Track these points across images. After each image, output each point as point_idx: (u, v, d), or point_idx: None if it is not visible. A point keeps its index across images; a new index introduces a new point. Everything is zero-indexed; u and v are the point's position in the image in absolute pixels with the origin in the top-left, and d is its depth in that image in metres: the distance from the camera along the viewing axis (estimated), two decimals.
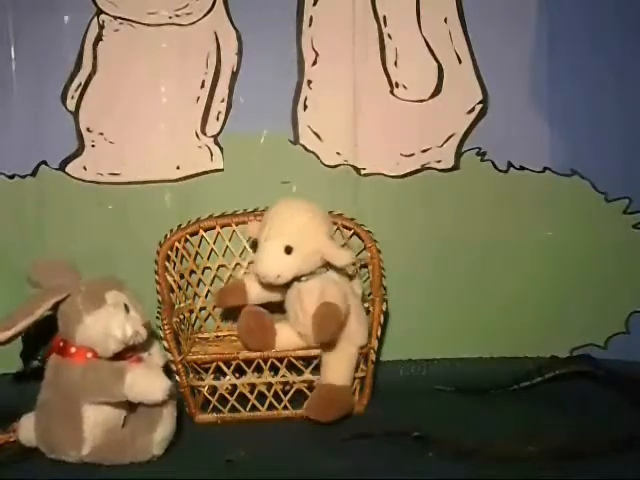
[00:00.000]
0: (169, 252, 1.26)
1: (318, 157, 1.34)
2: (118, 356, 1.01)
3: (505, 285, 1.37)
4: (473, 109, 1.35)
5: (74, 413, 0.98)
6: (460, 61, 1.34)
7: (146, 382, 0.98)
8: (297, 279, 1.16)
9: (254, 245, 1.24)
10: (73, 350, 1.00)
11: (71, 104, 1.32)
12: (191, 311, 1.31)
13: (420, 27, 1.34)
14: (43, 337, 1.06)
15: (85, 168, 1.32)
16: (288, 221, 1.14)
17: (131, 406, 1.03)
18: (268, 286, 1.18)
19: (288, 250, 1.12)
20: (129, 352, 1.03)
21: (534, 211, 1.36)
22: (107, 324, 0.99)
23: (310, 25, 1.33)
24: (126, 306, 1.02)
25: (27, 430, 1.03)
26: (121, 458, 0.99)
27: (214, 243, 1.32)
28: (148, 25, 1.31)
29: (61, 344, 1.02)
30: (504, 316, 1.36)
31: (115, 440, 1.00)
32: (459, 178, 1.35)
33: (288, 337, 1.18)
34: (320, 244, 1.13)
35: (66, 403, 0.99)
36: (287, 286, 1.19)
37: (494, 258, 1.36)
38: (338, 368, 1.14)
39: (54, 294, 1.00)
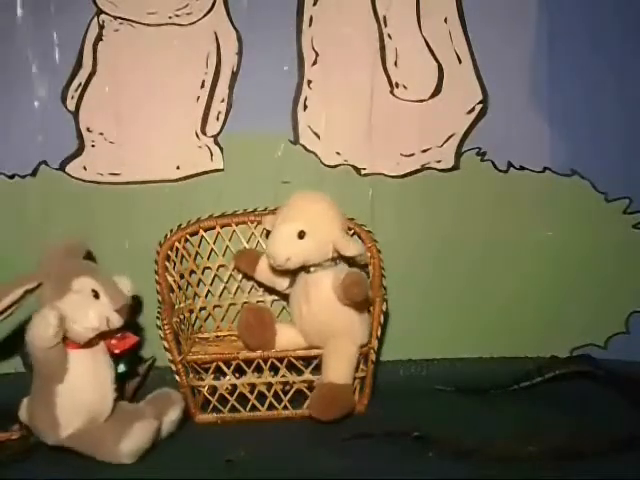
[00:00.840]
0: (169, 252, 1.26)
1: (318, 157, 1.34)
2: (101, 337, 1.02)
3: (505, 285, 1.37)
4: (473, 109, 1.35)
5: (48, 396, 0.99)
6: (460, 61, 1.34)
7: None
8: (305, 270, 1.17)
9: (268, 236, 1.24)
10: None
11: (71, 104, 1.32)
12: (191, 311, 1.31)
13: (420, 27, 1.34)
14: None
15: (85, 168, 1.32)
16: (304, 209, 1.16)
17: (117, 405, 1.04)
18: (277, 271, 1.19)
19: (301, 235, 1.13)
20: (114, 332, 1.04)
21: (534, 211, 1.36)
22: (72, 313, 0.98)
23: (310, 25, 1.33)
24: (96, 292, 1.01)
25: (24, 412, 1.05)
26: (97, 452, 0.99)
27: (214, 243, 1.32)
28: (148, 25, 1.31)
29: None
30: (504, 316, 1.36)
31: (94, 432, 1.00)
32: (459, 178, 1.35)
33: (289, 337, 1.18)
34: (333, 235, 1.14)
35: (42, 386, 1.00)
36: (293, 280, 1.20)
37: (494, 258, 1.36)
38: (339, 367, 1.14)
39: (24, 283, 0.99)
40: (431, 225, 1.36)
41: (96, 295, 1.00)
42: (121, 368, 1.12)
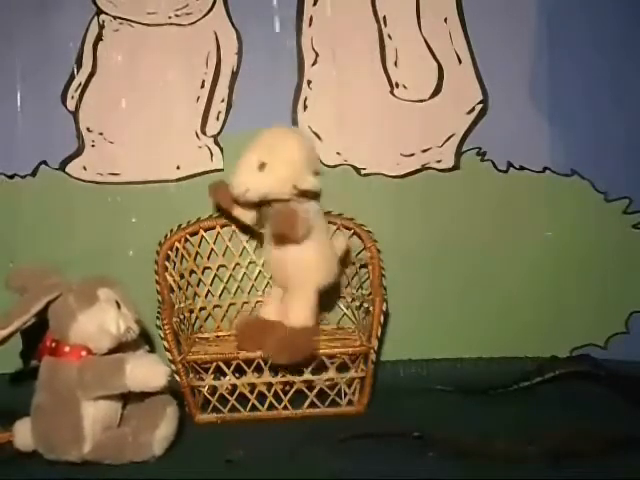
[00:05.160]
0: (169, 252, 1.26)
1: (318, 157, 1.34)
2: (111, 353, 1.01)
3: (505, 285, 1.37)
4: (473, 109, 1.35)
5: (73, 412, 0.98)
6: (460, 61, 1.35)
7: (146, 369, 0.99)
8: (269, 205, 1.15)
9: None
10: (67, 349, 1.00)
11: (71, 104, 1.32)
12: (191, 311, 1.31)
13: (420, 27, 1.34)
14: (41, 336, 1.06)
15: (85, 168, 1.32)
16: (270, 142, 1.12)
17: (127, 402, 1.03)
18: (246, 206, 1.18)
19: (261, 167, 1.10)
20: (122, 349, 1.03)
21: (534, 211, 1.36)
22: (101, 320, 0.99)
23: (310, 25, 1.33)
24: (117, 303, 1.02)
25: (23, 435, 1.01)
26: (121, 457, 0.99)
27: (214, 243, 1.32)
28: (148, 25, 1.32)
29: (53, 345, 1.01)
30: (504, 316, 1.36)
31: (114, 437, 1.00)
32: (459, 178, 1.35)
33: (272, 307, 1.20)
34: (294, 171, 1.11)
35: (64, 403, 0.98)
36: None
37: (494, 258, 1.36)
38: (297, 310, 1.13)
39: (46, 293, 1.00)
40: (431, 225, 1.36)
41: (118, 305, 1.02)
42: None
